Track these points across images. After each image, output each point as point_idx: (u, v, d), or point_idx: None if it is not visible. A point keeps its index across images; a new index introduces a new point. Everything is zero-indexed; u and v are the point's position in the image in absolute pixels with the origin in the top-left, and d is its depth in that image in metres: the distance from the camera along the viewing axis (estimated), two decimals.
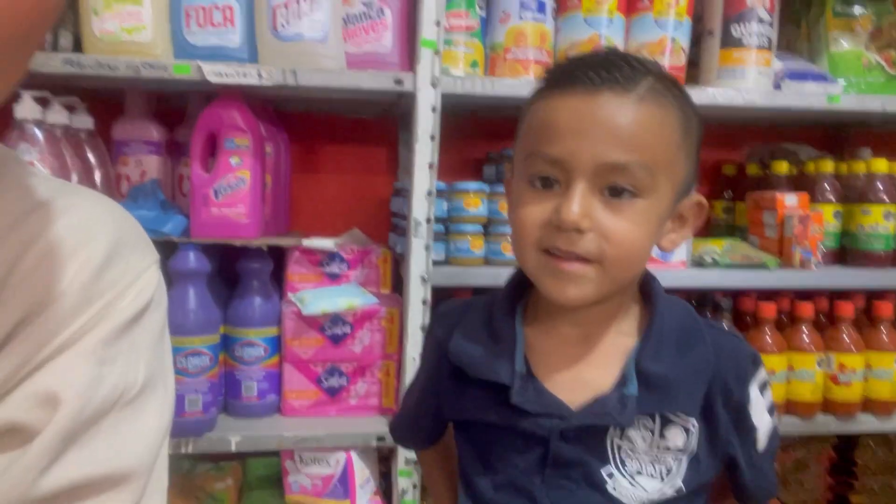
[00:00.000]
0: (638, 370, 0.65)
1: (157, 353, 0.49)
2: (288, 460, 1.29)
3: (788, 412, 1.37)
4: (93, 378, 0.43)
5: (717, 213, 1.66)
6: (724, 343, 0.68)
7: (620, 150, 0.59)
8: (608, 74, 0.60)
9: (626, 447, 0.65)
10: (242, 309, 1.27)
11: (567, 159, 0.60)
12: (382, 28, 1.22)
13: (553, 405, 0.65)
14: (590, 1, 1.23)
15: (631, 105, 0.60)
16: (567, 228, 0.60)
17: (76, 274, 0.44)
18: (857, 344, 1.36)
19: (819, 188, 1.44)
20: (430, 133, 1.19)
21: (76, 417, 0.41)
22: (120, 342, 0.45)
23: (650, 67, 0.63)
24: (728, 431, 0.68)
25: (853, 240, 1.42)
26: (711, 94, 1.26)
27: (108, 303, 0.45)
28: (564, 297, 0.63)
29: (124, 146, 1.36)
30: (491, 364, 0.67)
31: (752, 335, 1.36)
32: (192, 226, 1.22)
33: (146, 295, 0.48)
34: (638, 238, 0.61)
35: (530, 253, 0.64)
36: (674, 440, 0.65)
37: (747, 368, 0.69)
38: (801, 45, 1.57)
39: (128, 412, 0.45)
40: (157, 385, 0.48)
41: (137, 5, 1.16)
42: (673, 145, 0.62)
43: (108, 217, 0.48)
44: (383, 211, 1.57)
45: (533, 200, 0.63)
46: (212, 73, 1.13)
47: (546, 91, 0.64)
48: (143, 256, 0.49)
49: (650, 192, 0.61)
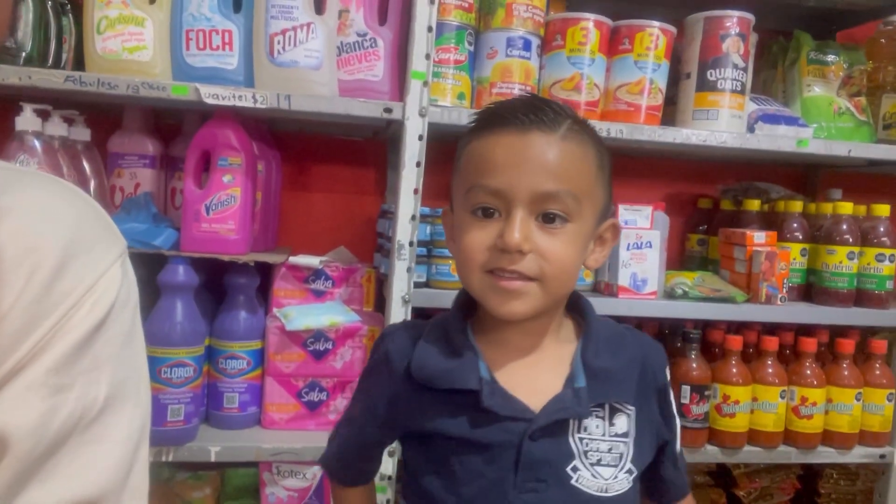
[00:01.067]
0: (584, 366, 0.74)
1: (124, 357, 0.45)
2: (266, 472, 1.33)
3: (752, 441, 1.42)
4: (46, 411, 0.39)
5: (692, 245, 1.72)
6: (643, 340, 0.81)
7: (552, 181, 0.68)
8: (535, 117, 0.69)
9: (586, 438, 0.72)
10: (228, 322, 1.30)
11: (506, 190, 0.68)
12: (375, 58, 1.27)
13: (518, 408, 0.71)
14: (573, 41, 1.29)
15: (557, 142, 0.70)
16: (511, 251, 0.68)
17: (21, 291, 0.38)
18: (819, 378, 1.42)
19: (788, 227, 1.50)
20: (416, 160, 1.24)
21: (28, 457, 0.38)
22: (78, 362, 0.41)
23: (568, 112, 0.73)
24: (659, 415, 0.79)
25: (819, 278, 1.48)
26: (686, 134, 1.32)
27: (61, 318, 0.40)
28: (510, 313, 0.70)
29: (120, 158, 1.40)
30: (458, 373, 0.73)
31: (719, 366, 1.41)
32: (182, 240, 1.26)
33: (108, 298, 0.43)
34: (570, 257, 0.70)
35: (476, 274, 0.71)
36: (621, 426, 0.74)
37: (663, 359, 0.81)
38: (776, 87, 1.64)
39: (90, 433, 0.42)
40: (124, 394, 0.44)
41: (140, 26, 1.21)
42: (592, 176, 0.72)
43: (60, 212, 0.42)
44: (370, 230, 1.62)
45: (476, 228, 0.70)
46: (208, 95, 1.18)
47: (480, 131, 0.73)
48: (105, 252, 0.44)
49: (577, 216, 0.70)
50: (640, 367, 0.77)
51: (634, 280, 1.36)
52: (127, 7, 1.20)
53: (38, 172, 0.45)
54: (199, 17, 1.22)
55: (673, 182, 1.79)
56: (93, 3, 1.19)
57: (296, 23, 1.21)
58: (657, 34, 1.32)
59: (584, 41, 1.29)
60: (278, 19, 1.21)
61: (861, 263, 1.45)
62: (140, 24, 1.21)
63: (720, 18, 1.35)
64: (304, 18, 1.21)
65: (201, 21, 1.22)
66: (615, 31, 1.34)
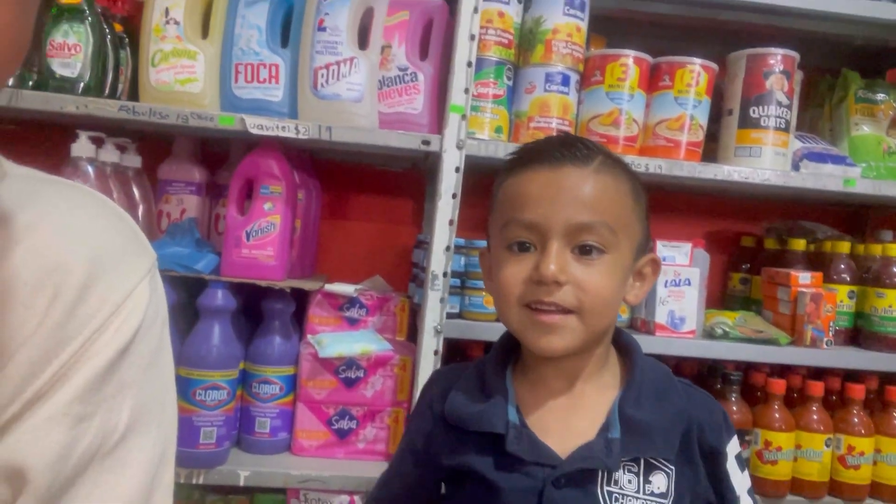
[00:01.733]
0: (621, 416, 0.70)
1: (149, 379, 0.43)
2: (293, 499, 1.33)
3: (795, 491, 1.36)
4: (67, 444, 0.37)
5: (734, 284, 1.68)
6: (695, 395, 0.76)
7: (586, 212, 0.68)
8: (568, 152, 0.70)
9: (616, 493, 0.69)
10: (262, 347, 1.32)
11: (541, 223, 0.69)
12: (415, 92, 1.30)
13: (544, 454, 0.70)
14: (612, 77, 1.29)
15: (590, 175, 0.70)
16: (547, 282, 0.67)
17: (44, 315, 0.36)
18: (867, 427, 1.35)
19: (835, 268, 1.45)
20: (452, 191, 1.25)
21: (46, 491, 0.36)
22: (102, 389, 0.39)
23: (600, 149, 0.74)
24: (706, 480, 0.73)
25: (867, 322, 1.43)
26: (727, 171, 1.30)
27: (85, 342, 0.38)
28: (549, 348, 0.69)
29: (168, 185, 1.45)
30: (485, 416, 0.72)
31: (761, 410, 1.36)
32: (222, 265, 1.29)
33: (135, 319, 0.41)
34: (608, 287, 0.69)
35: (513, 309, 0.70)
36: (658, 485, 0.70)
37: (719, 419, 0.75)
38: (823, 126, 1.61)
39: (110, 461, 0.40)
40: (147, 418, 0.43)
41: (192, 59, 1.26)
42: (627, 208, 0.72)
43: (84, 228, 0.40)
44: (406, 260, 1.63)
45: (513, 262, 0.71)
46: (253, 126, 1.21)
47: (514, 170, 0.73)
48: (132, 269, 0.42)
49: (614, 248, 0.69)
50: (686, 425, 0.72)
51: (672, 318, 1.33)
52: (181, 41, 1.26)
53: (62, 181, 0.42)
54: (248, 51, 1.27)
55: (715, 219, 1.76)
56: (149, 37, 1.25)
57: (339, 57, 1.24)
58: (698, 70, 1.32)
59: (623, 77, 1.30)
60: (323, 54, 1.25)
61: None
62: (192, 57, 1.26)
63: (764, 56, 1.33)
64: (347, 53, 1.24)
65: (250, 55, 1.27)
66: (655, 68, 1.34)
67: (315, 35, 1.24)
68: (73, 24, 1.21)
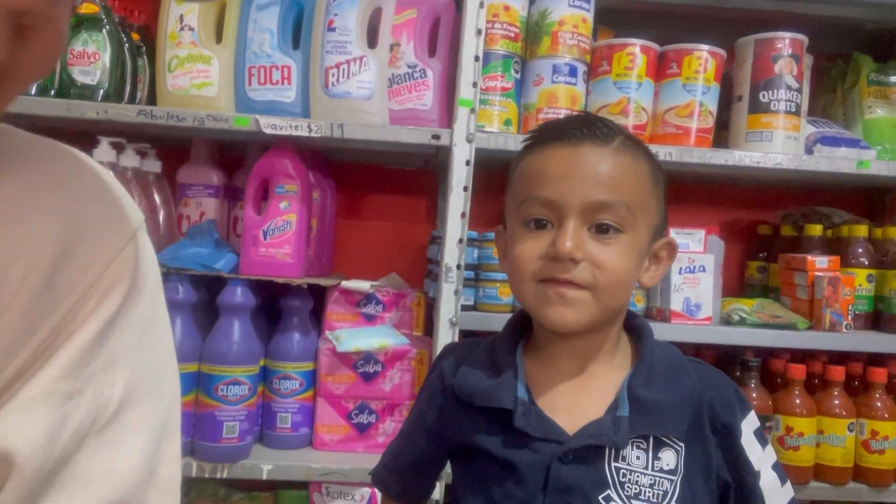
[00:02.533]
0: (630, 395, 0.70)
1: (143, 347, 0.41)
2: (315, 493, 1.34)
3: (818, 477, 1.34)
4: (55, 423, 0.35)
5: (752, 273, 1.67)
6: (707, 373, 0.75)
7: (604, 191, 0.68)
8: (588, 131, 0.70)
9: (624, 469, 0.69)
10: (282, 343, 1.35)
11: (558, 200, 0.69)
12: (424, 88, 1.32)
13: (552, 430, 0.70)
14: (619, 66, 1.30)
15: (609, 154, 0.70)
16: (563, 258, 0.67)
17: (19, 286, 0.34)
18: (890, 411, 1.34)
19: (852, 252, 1.44)
20: (463, 184, 1.26)
21: (36, 475, 0.34)
22: (90, 363, 0.37)
23: (620, 129, 0.73)
24: (719, 457, 0.72)
25: (887, 305, 1.41)
26: (738, 156, 1.30)
27: (66, 314, 0.35)
28: (563, 322, 0.69)
29: (187, 189, 1.48)
30: (495, 392, 0.73)
31: (781, 396, 1.35)
32: (240, 263, 1.32)
33: (122, 287, 0.38)
34: (624, 266, 0.69)
35: (528, 285, 0.71)
36: (668, 461, 0.70)
37: (730, 396, 0.74)
38: (836, 111, 1.60)
39: (106, 436, 0.38)
40: (144, 388, 0.41)
41: (207, 64, 1.30)
42: (646, 190, 0.72)
43: (60, 192, 0.37)
44: (421, 257, 1.65)
45: (529, 239, 0.71)
46: (267, 126, 1.24)
47: (533, 147, 0.74)
48: (114, 234, 0.39)
49: (631, 228, 0.69)
50: (696, 403, 0.72)
51: (688, 305, 1.33)
52: (196, 47, 1.30)
53: (41, 140, 0.38)
54: (261, 54, 1.30)
55: (730, 209, 1.76)
56: (165, 44, 1.29)
57: (349, 56, 1.27)
58: (706, 57, 1.32)
59: (630, 66, 1.30)
60: (333, 53, 1.27)
61: None
62: (207, 62, 1.30)
63: (772, 40, 1.33)
64: (357, 52, 1.27)
65: (262, 58, 1.30)
66: (662, 56, 1.35)
67: (325, 35, 1.27)
68: (91, 32, 1.25)
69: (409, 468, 0.84)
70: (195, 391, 1.25)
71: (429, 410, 0.80)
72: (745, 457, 0.73)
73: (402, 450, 0.85)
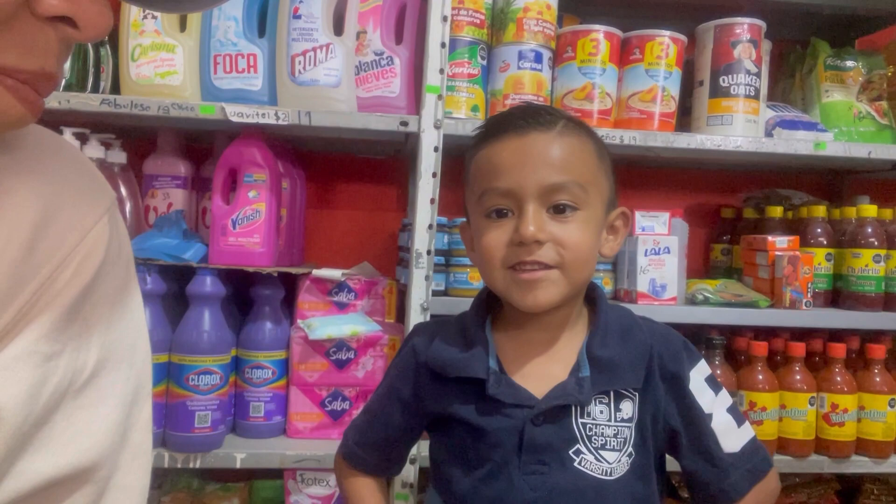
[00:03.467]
0: (589, 356, 0.75)
1: (116, 317, 0.44)
2: (290, 480, 1.35)
3: (781, 450, 1.38)
4: (35, 382, 0.37)
5: (716, 255, 1.71)
6: (656, 328, 0.81)
7: (556, 173, 0.73)
8: (532, 119, 0.75)
9: (590, 424, 0.74)
10: (254, 332, 1.34)
11: (515, 188, 0.73)
12: (391, 75, 1.32)
13: (523, 396, 0.74)
14: (584, 53, 1.32)
15: (555, 138, 0.75)
16: (528, 241, 0.71)
17: (2, 250, 0.36)
18: (849, 385, 1.38)
19: (811, 231, 1.48)
20: (431, 170, 1.27)
21: (18, 430, 0.37)
22: (68, 327, 0.39)
23: (561, 113, 0.78)
24: (667, 402, 0.77)
25: (845, 282, 1.46)
26: (700, 139, 1.33)
27: (46, 280, 0.38)
28: (535, 303, 0.73)
29: (154, 180, 1.47)
30: (468, 363, 0.76)
31: (744, 373, 1.39)
32: (210, 253, 1.31)
33: (97, 256, 0.41)
34: (585, 241, 0.74)
35: (498, 272, 0.75)
36: (627, 411, 0.75)
37: (677, 346, 0.79)
38: (795, 96, 1.64)
39: (82, 399, 0.41)
40: (117, 355, 0.43)
41: (171, 53, 1.29)
42: (594, 166, 0.77)
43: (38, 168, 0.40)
44: (392, 246, 1.65)
45: (492, 228, 0.75)
46: (234, 114, 1.24)
47: (483, 141, 0.78)
48: (90, 207, 0.42)
49: (586, 204, 0.74)
50: (648, 355, 0.77)
51: (654, 286, 1.36)
52: (159, 35, 1.28)
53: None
54: (227, 42, 1.30)
55: (694, 193, 1.79)
56: (128, 32, 1.28)
57: (316, 44, 1.27)
58: (667, 43, 1.35)
59: (594, 52, 1.33)
60: (299, 41, 1.27)
61: (889, 267, 1.43)
62: (171, 50, 1.29)
63: (730, 25, 1.37)
64: (323, 39, 1.27)
65: (228, 46, 1.29)
66: (626, 42, 1.37)
67: (290, 23, 1.27)
68: None
69: (384, 442, 0.86)
70: (166, 381, 1.24)
71: (402, 386, 0.83)
72: (694, 401, 0.78)
73: (373, 425, 0.87)
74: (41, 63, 0.37)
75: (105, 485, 0.42)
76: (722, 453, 0.77)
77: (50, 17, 0.36)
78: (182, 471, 1.31)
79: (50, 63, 0.37)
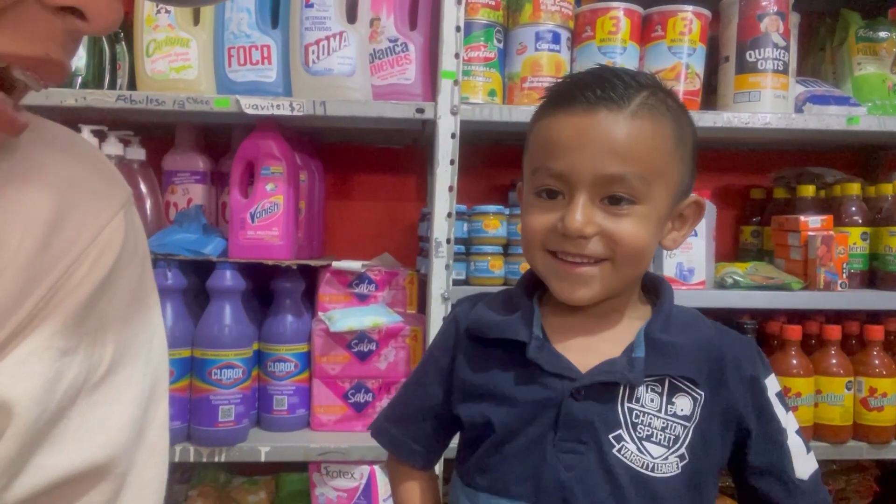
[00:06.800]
0: (647, 338, 0.69)
1: (132, 314, 0.43)
2: (315, 473, 1.34)
3: (818, 436, 1.34)
4: (51, 377, 0.37)
5: (746, 238, 1.66)
6: (727, 330, 0.75)
7: (617, 163, 0.65)
8: (603, 93, 0.66)
9: (637, 410, 0.68)
10: (275, 326, 1.34)
11: (568, 173, 0.66)
12: (406, 62, 1.30)
13: (564, 366, 0.69)
14: (603, 31, 1.29)
15: (625, 121, 0.65)
16: (572, 236, 0.66)
17: (17, 248, 0.36)
18: (888, 368, 1.33)
19: (845, 210, 1.43)
20: (449, 157, 1.25)
21: (34, 425, 0.36)
22: (84, 323, 0.39)
23: (643, 82, 0.68)
24: (745, 406, 0.70)
25: (882, 262, 1.40)
26: (727, 117, 1.29)
27: (62, 275, 0.38)
28: (574, 298, 0.69)
29: (173, 176, 1.47)
30: (509, 325, 0.72)
31: (778, 358, 1.35)
32: (229, 247, 1.31)
33: (112, 252, 0.41)
34: (641, 237, 0.67)
35: (538, 253, 0.70)
36: (683, 407, 0.68)
37: (754, 353, 0.73)
38: (826, 70, 1.58)
39: (97, 395, 0.40)
40: (133, 352, 0.43)
41: (185, 47, 1.28)
42: (667, 154, 0.67)
43: (54, 162, 0.40)
44: (413, 236, 1.64)
45: (540, 209, 0.69)
46: (248, 106, 1.23)
47: (548, 110, 0.70)
48: (106, 203, 0.42)
49: (646, 198, 0.66)
50: (717, 353, 0.70)
51: (681, 270, 1.32)
52: (173, 30, 1.28)
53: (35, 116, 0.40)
54: (240, 34, 1.29)
55: (722, 173, 1.74)
56: (142, 28, 1.27)
57: (329, 32, 1.25)
58: (690, 18, 1.30)
59: (614, 30, 1.29)
60: (312, 30, 1.26)
61: None
62: (185, 44, 1.28)
63: None
64: (336, 28, 1.25)
65: (241, 38, 1.28)
66: (647, 19, 1.33)
67: (303, 12, 1.25)
68: None
69: (418, 415, 0.79)
70: (189, 376, 1.24)
71: (442, 356, 0.78)
72: (773, 411, 0.72)
73: (409, 397, 0.81)
74: (45, 49, 0.36)
75: (122, 482, 0.42)
76: (794, 476, 0.71)
77: (58, 7, 0.36)
78: (209, 465, 1.31)
79: (55, 50, 0.37)
